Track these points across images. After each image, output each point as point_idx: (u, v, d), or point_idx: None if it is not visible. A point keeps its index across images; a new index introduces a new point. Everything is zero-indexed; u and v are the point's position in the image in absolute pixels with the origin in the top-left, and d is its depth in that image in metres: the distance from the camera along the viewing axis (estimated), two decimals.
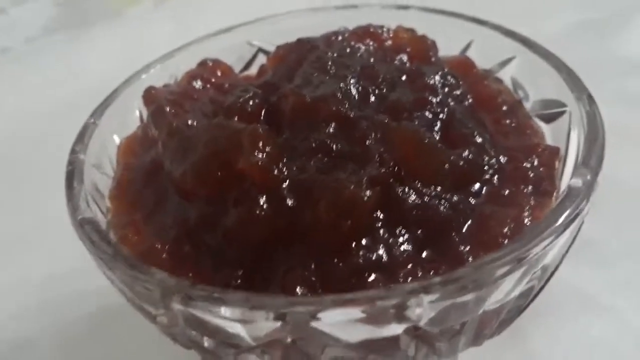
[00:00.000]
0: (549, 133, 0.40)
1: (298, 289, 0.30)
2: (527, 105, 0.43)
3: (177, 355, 0.49)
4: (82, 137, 0.39)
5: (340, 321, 0.27)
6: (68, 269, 0.57)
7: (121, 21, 1.03)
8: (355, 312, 0.27)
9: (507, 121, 0.40)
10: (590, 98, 0.36)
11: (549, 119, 0.41)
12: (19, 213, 0.67)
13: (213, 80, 0.42)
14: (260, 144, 0.31)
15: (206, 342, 0.32)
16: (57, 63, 0.95)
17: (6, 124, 0.81)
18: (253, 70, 0.51)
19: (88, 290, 0.56)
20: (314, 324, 0.27)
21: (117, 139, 0.42)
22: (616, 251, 0.52)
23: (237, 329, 0.28)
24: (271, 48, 0.48)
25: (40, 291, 0.57)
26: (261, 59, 0.51)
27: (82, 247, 0.35)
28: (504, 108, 0.41)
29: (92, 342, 0.52)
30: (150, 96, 0.38)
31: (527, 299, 0.32)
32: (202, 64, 0.44)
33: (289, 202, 0.31)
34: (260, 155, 0.31)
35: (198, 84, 0.41)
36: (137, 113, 0.44)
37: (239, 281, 0.32)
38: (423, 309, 0.27)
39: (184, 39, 0.50)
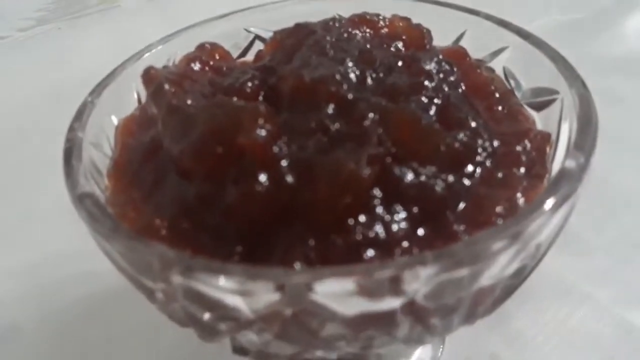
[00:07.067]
0: (540, 120, 0.41)
1: (296, 265, 0.30)
2: (519, 93, 0.44)
3: (166, 341, 0.49)
4: (81, 115, 0.39)
5: (337, 293, 0.28)
6: (56, 255, 0.58)
7: (115, 12, 1.03)
8: (352, 284, 0.27)
9: (499, 108, 0.41)
10: (583, 84, 0.37)
11: (539, 107, 0.42)
12: (7, 200, 0.67)
13: (211, 63, 0.42)
14: (261, 121, 0.32)
15: (205, 317, 0.32)
16: (50, 53, 0.96)
17: None
18: (249, 58, 0.51)
19: (75, 277, 0.56)
20: (311, 295, 0.28)
21: (115, 120, 0.42)
22: (595, 243, 0.55)
23: (237, 301, 0.29)
24: (268, 35, 0.49)
25: (26, 278, 0.57)
26: (257, 47, 0.51)
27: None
28: (496, 95, 0.42)
29: (79, 328, 0.52)
30: (149, 76, 0.38)
31: (519, 278, 0.33)
32: (201, 47, 0.44)
33: (289, 179, 0.31)
34: (260, 132, 0.31)
35: (196, 66, 0.41)
36: (135, 95, 0.44)
37: (237, 259, 0.32)
38: (419, 282, 0.28)
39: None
